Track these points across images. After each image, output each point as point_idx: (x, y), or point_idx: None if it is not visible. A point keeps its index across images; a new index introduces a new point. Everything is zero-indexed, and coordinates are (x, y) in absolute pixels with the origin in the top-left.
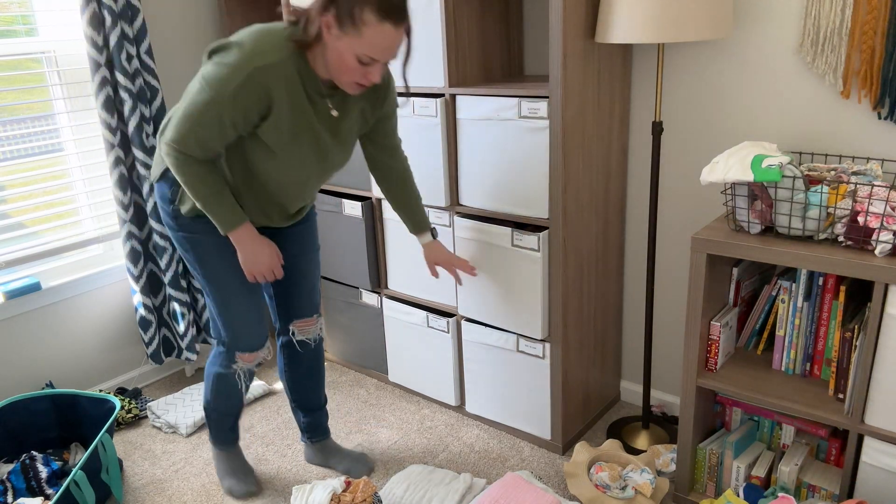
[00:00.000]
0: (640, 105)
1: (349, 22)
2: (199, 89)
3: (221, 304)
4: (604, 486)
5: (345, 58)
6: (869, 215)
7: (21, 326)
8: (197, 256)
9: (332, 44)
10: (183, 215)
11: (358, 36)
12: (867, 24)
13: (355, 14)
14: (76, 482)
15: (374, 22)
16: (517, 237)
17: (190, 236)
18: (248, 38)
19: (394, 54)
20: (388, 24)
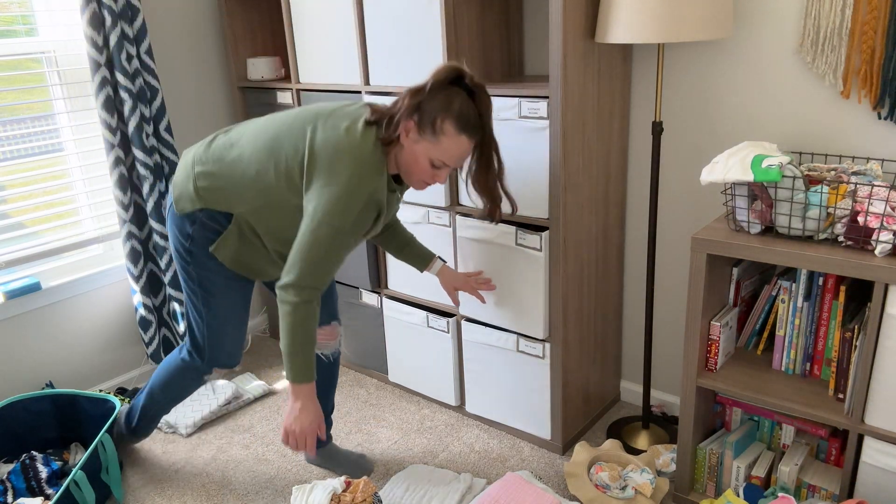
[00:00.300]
0: (640, 105)
1: (430, 129)
2: (317, 225)
3: (213, 330)
4: (604, 486)
5: (419, 160)
6: (869, 215)
7: (21, 326)
8: (203, 288)
9: (410, 146)
10: (198, 254)
11: (436, 143)
12: (867, 24)
13: (437, 123)
14: (76, 482)
15: (452, 133)
16: (521, 236)
17: (200, 272)
18: (352, 160)
19: (462, 162)
20: (464, 136)
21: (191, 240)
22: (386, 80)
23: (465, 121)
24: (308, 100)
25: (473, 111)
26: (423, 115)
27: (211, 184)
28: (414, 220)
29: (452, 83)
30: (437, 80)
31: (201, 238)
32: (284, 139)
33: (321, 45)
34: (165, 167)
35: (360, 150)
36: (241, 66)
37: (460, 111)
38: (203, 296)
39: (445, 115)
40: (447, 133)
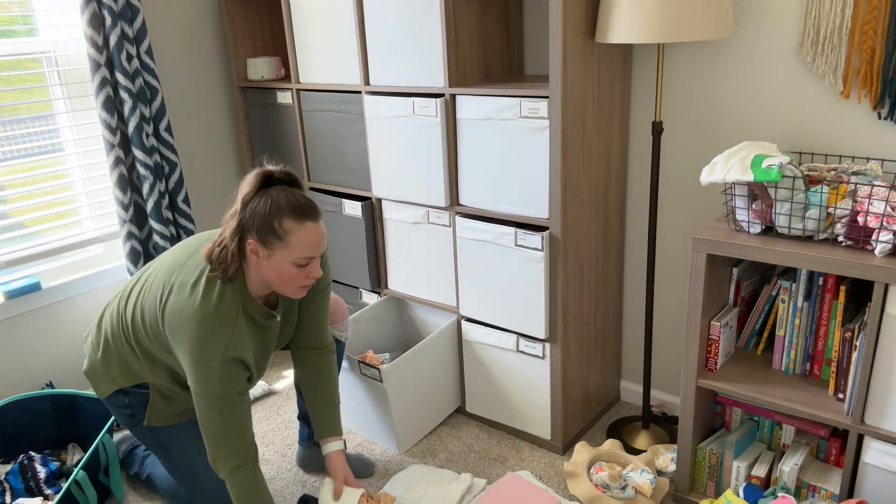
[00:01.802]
0: (640, 105)
1: (273, 237)
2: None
3: (188, 477)
4: (604, 486)
5: (284, 270)
6: (869, 215)
7: (21, 326)
8: (159, 443)
9: (266, 264)
10: (136, 405)
11: (288, 245)
12: (867, 24)
13: (276, 228)
14: (77, 482)
15: (296, 227)
16: (521, 237)
17: (149, 429)
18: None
19: (323, 247)
20: (308, 223)
21: (129, 407)
22: (386, 80)
23: (300, 208)
24: (308, 100)
25: (301, 196)
26: (258, 229)
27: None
28: (414, 220)
29: (263, 187)
30: (248, 192)
31: (139, 402)
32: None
33: (321, 45)
34: (165, 167)
35: (202, 310)
36: (241, 66)
37: (289, 203)
38: (162, 449)
39: (279, 215)
40: (291, 230)
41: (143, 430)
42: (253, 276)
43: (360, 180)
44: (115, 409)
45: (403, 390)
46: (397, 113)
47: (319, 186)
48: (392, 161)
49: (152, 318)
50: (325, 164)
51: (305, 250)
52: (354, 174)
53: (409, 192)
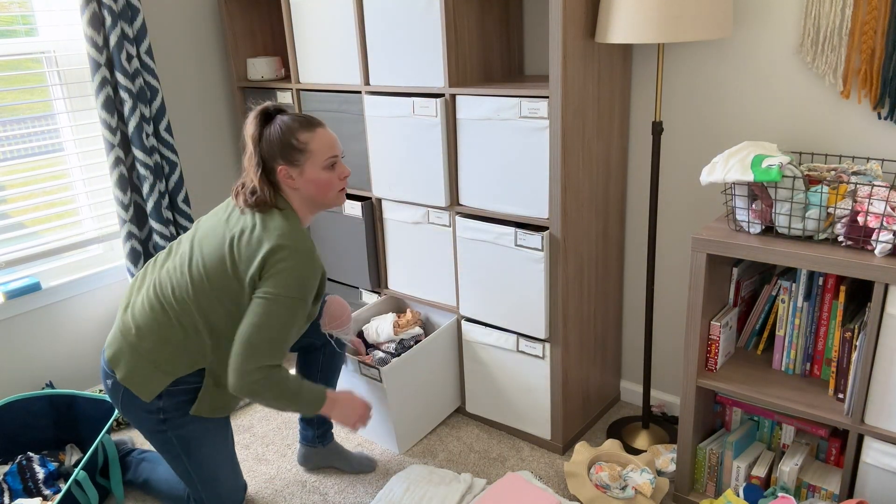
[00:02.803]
0: (640, 105)
1: (297, 153)
2: (274, 302)
3: (207, 480)
4: (604, 486)
5: (319, 178)
6: (869, 215)
7: (21, 326)
8: (185, 447)
9: (302, 180)
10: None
11: (311, 154)
12: (867, 24)
13: (295, 144)
14: (78, 482)
15: (311, 136)
16: (521, 237)
17: (179, 434)
18: (293, 238)
19: (340, 146)
20: (318, 129)
21: (162, 411)
22: (386, 80)
23: (306, 121)
24: (308, 100)
25: (300, 114)
26: (281, 152)
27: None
28: (414, 220)
29: (265, 123)
30: (254, 131)
31: (174, 405)
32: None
33: (321, 45)
34: (165, 167)
35: (291, 226)
36: (241, 66)
37: (295, 121)
38: (187, 453)
39: (292, 134)
40: (308, 140)
41: (170, 436)
42: (298, 205)
43: (360, 180)
44: (145, 415)
45: (403, 390)
46: (397, 113)
47: None
48: (392, 161)
49: (221, 271)
50: None
51: (327, 150)
52: (354, 174)
53: (409, 192)
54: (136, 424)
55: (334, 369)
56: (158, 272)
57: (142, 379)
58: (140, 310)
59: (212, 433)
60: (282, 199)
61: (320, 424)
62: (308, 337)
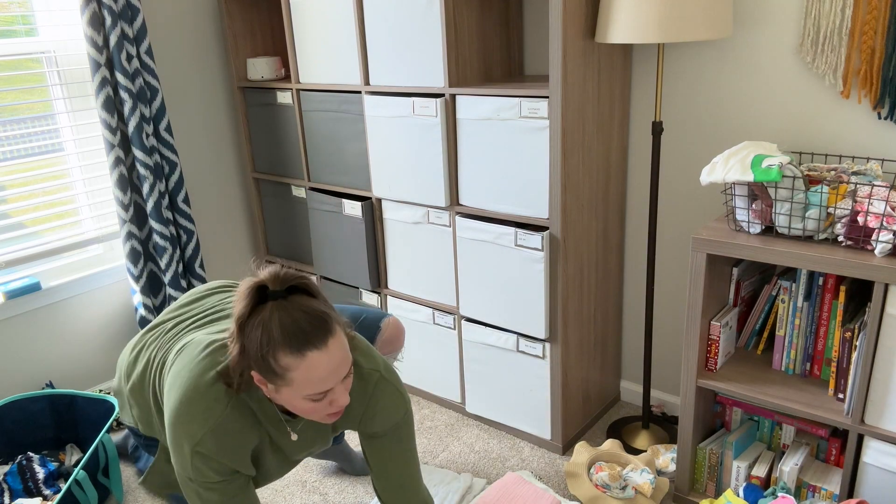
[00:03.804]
0: (640, 105)
1: (273, 375)
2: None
3: None
4: (604, 486)
5: (297, 405)
6: (869, 215)
7: (21, 326)
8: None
9: (277, 397)
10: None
11: (290, 383)
12: (867, 23)
13: (272, 365)
14: (78, 482)
15: (294, 362)
16: (521, 237)
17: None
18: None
19: (343, 371)
20: (311, 353)
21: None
22: (386, 80)
23: (299, 335)
24: (308, 100)
25: (302, 313)
26: (256, 363)
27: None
28: (414, 220)
29: (259, 303)
30: (242, 312)
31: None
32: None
33: (321, 45)
34: (165, 167)
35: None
36: (241, 66)
37: (284, 331)
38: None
39: (271, 349)
40: (291, 366)
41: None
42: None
43: (360, 180)
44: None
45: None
46: (397, 113)
47: (319, 186)
48: (392, 161)
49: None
50: (325, 164)
51: (313, 386)
52: (354, 174)
53: (409, 192)
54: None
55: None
56: (157, 352)
57: (120, 404)
58: (140, 367)
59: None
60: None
61: None
62: None
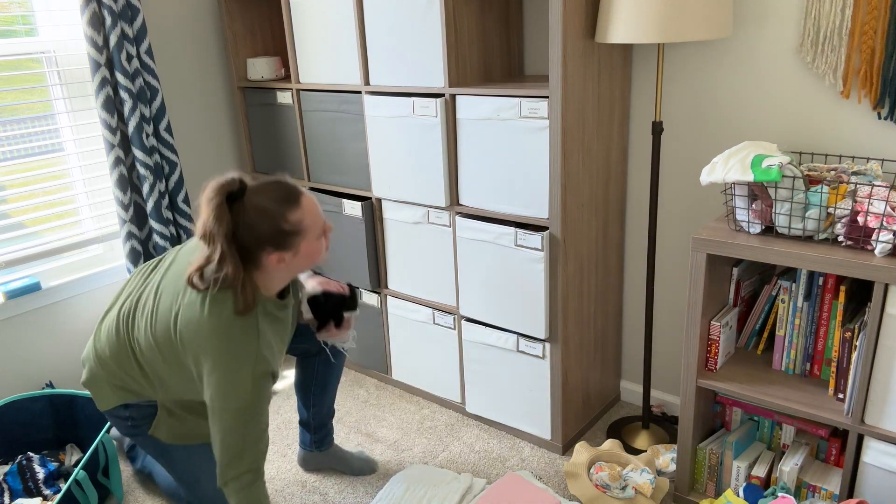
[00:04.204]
0: (640, 105)
1: (291, 237)
2: (220, 414)
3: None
4: (604, 486)
5: (313, 250)
6: (869, 215)
7: (21, 326)
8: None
9: (296, 260)
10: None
11: (306, 232)
12: (867, 24)
13: (288, 229)
14: (78, 482)
15: (299, 213)
16: (521, 237)
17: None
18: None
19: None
20: (302, 199)
21: (131, 419)
22: (386, 80)
23: (285, 195)
24: (308, 100)
25: (271, 187)
26: (272, 241)
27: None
28: (414, 220)
29: (232, 209)
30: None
31: (141, 415)
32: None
33: (321, 45)
34: (165, 167)
35: (224, 324)
36: (241, 66)
37: (274, 200)
38: (162, 457)
39: (280, 217)
40: (300, 218)
41: (147, 438)
42: (269, 279)
43: (360, 180)
44: (116, 420)
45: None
46: (397, 113)
47: (319, 186)
48: (392, 161)
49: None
50: (325, 164)
51: (318, 221)
52: (354, 174)
53: (409, 192)
54: (113, 424)
55: (330, 378)
56: (132, 297)
57: (98, 390)
58: (107, 330)
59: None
60: (247, 277)
61: (317, 430)
62: (304, 343)
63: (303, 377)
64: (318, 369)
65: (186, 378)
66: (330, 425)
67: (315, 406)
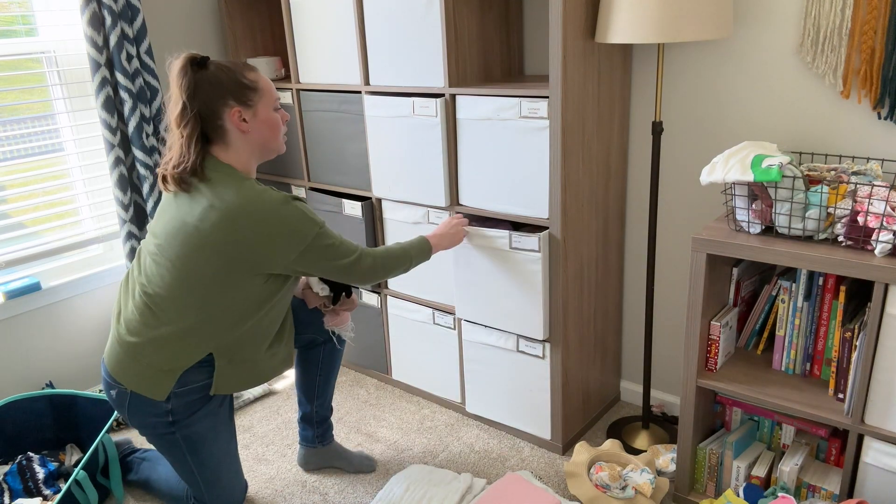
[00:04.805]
0: (640, 105)
1: (250, 91)
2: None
3: (210, 479)
4: (604, 486)
5: (270, 118)
6: (869, 215)
7: (21, 326)
8: (191, 448)
9: (255, 123)
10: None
11: (262, 93)
12: (867, 24)
13: (247, 83)
14: (78, 482)
15: (256, 75)
16: (516, 239)
17: (186, 433)
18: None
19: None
20: (258, 71)
21: (171, 413)
22: (386, 80)
23: (242, 64)
24: (308, 100)
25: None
26: (233, 93)
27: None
28: (414, 220)
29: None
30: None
31: (183, 405)
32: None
33: (321, 46)
34: None
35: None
36: None
37: (233, 63)
38: (192, 453)
39: (241, 73)
40: (256, 79)
41: (178, 437)
42: (243, 157)
43: (360, 180)
44: (153, 419)
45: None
46: (397, 113)
47: (319, 186)
48: (392, 161)
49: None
50: (325, 164)
51: (272, 91)
52: (354, 174)
53: (409, 192)
54: (143, 429)
55: (333, 365)
56: (141, 277)
57: (149, 384)
58: (132, 317)
59: (218, 432)
60: (214, 160)
61: (320, 424)
62: (310, 333)
63: (307, 369)
64: (323, 358)
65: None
66: (330, 420)
67: (319, 398)
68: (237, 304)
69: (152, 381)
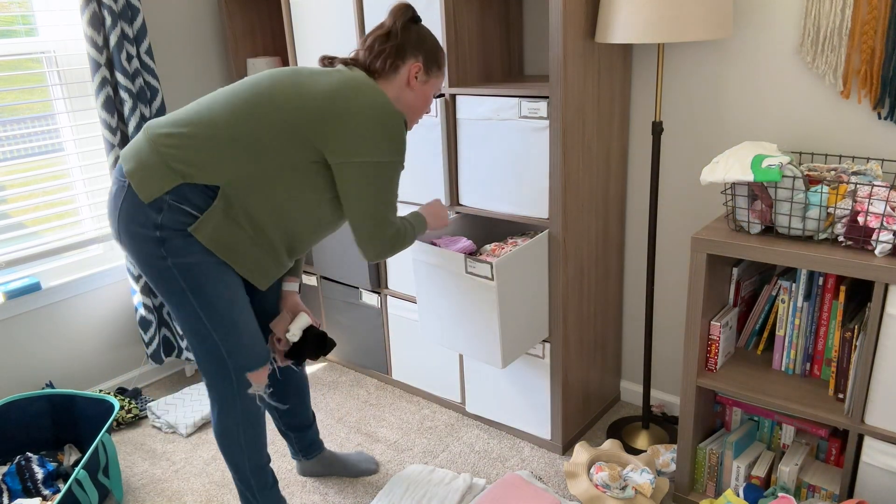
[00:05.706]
0: (640, 105)
1: (436, 67)
2: (380, 169)
3: (226, 327)
4: (604, 486)
5: (427, 97)
6: (869, 215)
7: (21, 326)
8: (191, 284)
9: (419, 89)
10: (172, 242)
11: (438, 77)
12: (867, 24)
13: (440, 60)
14: (79, 481)
15: (443, 67)
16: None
17: (179, 261)
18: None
19: None
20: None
21: (160, 228)
22: None
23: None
24: None
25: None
26: (427, 54)
27: (185, 151)
28: None
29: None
30: (404, 21)
31: (172, 222)
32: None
33: (321, 46)
34: None
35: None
36: (241, 66)
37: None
38: (192, 290)
39: (440, 51)
40: (443, 67)
41: (171, 265)
42: (391, 94)
43: None
44: (143, 241)
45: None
46: None
47: None
48: None
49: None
50: None
51: (442, 82)
52: None
53: (409, 192)
54: (135, 255)
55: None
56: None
57: (149, 174)
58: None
59: (220, 269)
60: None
61: (299, 432)
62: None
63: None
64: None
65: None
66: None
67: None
68: (276, 160)
69: (152, 175)
